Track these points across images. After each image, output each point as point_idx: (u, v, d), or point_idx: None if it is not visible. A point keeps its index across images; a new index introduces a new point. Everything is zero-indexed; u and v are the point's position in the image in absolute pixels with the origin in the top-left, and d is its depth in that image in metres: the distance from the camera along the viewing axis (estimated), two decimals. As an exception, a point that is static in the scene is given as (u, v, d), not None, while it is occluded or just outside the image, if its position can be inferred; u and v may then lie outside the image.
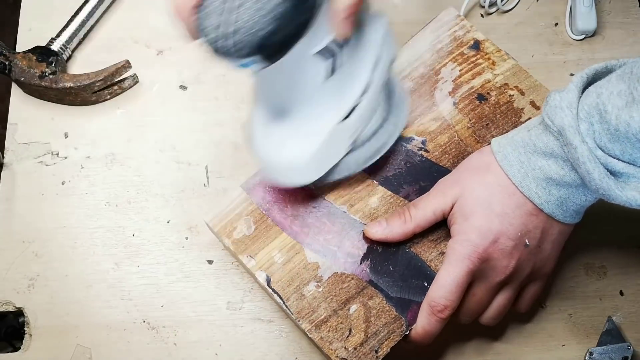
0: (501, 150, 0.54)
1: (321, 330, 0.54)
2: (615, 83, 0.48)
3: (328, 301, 0.55)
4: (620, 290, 0.64)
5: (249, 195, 0.58)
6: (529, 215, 0.53)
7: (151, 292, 0.63)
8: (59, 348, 0.61)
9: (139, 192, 0.67)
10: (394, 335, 0.54)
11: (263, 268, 0.56)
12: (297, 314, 0.55)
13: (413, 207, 0.56)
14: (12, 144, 0.69)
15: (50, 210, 0.66)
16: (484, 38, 0.64)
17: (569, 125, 0.48)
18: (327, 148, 0.53)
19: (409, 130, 0.61)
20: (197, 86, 0.72)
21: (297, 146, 0.53)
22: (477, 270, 0.53)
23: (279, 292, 0.55)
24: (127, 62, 0.69)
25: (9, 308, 0.63)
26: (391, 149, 0.59)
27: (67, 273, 0.64)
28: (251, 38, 0.40)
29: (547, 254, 0.55)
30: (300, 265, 0.56)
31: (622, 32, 0.75)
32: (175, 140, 0.69)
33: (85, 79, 0.68)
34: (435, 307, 0.53)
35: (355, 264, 0.56)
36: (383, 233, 0.56)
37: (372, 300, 0.55)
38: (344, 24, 0.46)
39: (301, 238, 0.57)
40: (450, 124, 0.61)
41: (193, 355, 0.61)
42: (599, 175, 0.47)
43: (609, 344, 0.60)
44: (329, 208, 0.58)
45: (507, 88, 0.63)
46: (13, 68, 0.68)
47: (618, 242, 0.66)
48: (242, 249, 0.57)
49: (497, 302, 0.56)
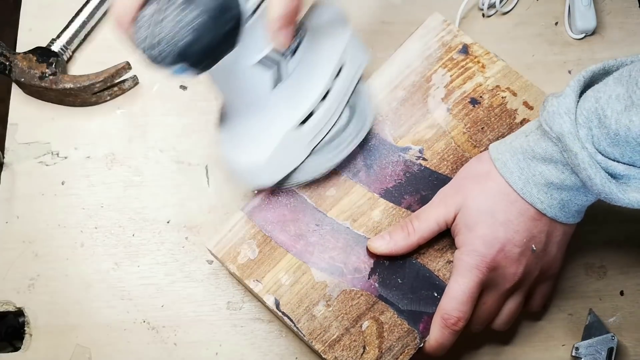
0: (500, 157, 0.54)
1: (335, 350, 0.54)
2: (613, 86, 0.48)
3: (339, 320, 0.55)
4: (621, 290, 0.64)
5: (250, 218, 0.58)
6: (532, 221, 0.53)
7: (151, 292, 0.63)
8: (59, 348, 0.61)
9: (139, 192, 0.67)
10: (409, 349, 0.54)
11: (271, 291, 0.56)
12: (309, 335, 0.54)
13: (416, 219, 0.56)
14: (12, 144, 0.69)
15: (50, 210, 0.66)
16: (472, 41, 0.64)
17: (568, 131, 0.48)
18: (284, 152, 0.54)
19: (405, 139, 0.61)
20: (197, 86, 0.72)
21: (254, 150, 0.54)
22: (486, 280, 0.53)
23: (289, 315, 0.55)
24: (128, 64, 0.69)
25: (9, 308, 0.63)
26: (374, 155, 0.60)
27: (67, 273, 0.64)
28: (172, 48, 0.43)
29: (553, 256, 0.56)
30: (308, 285, 0.56)
31: (622, 32, 0.75)
32: (175, 140, 0.69)
33: (85, 80, 0.68)
34: (449, 320, 0.53)
35: (363, 280, 0.56)
36: (387, 247, 0.55)
37: (383, 315, 0.55)
38: (280, 34, 0.47)
39: (307, 257, 0.57)
40: (445, 131, 0.61)
41: (193, 355, 0.61)
42: (600, 180, 0.47)
43: (593, 337, 0.60)
44: (332, 225, 0.58)
45: (499, 90, 0.63)
46: (13, 68, 0.68)
47: (618, 242, 0.66)
48: (247, 273, 0.56)
49: (507, 308, 0.56)
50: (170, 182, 0.68)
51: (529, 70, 0.73)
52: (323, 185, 0.59)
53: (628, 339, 0.62)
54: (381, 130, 0.61)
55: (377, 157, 0.60)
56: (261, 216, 0.58)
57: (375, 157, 0.60)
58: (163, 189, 0.67)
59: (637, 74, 0.46)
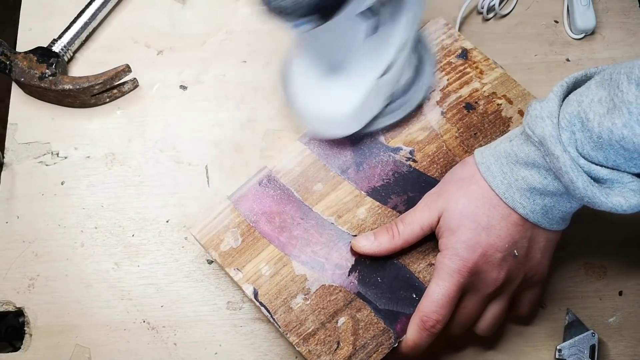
0: (484, 161, 0.54)
1: (309, 344, 0.54)
2: (595, 90, 0.48)
3: (316, 314, 0.55)
4: (620, 290, 0.64)
5: (236, 207, 0.58)
6: (515, 226, 0.53)
7: (151, 292, 0.63)
8: (58, 348, 0.61)
9: (139, 192, 0.67)
10: (383, 348, 0.54)
11: (250, 281, 0.56)
12: (285, 327, 0.55)
13: (401, 223, 0.56)
14: (12, 144, 0.69)
15: (50, 210, 0.66)
16: (472, 47, 0.64)
17: (549, 135, 0.48)
18: (367, 102, 0.57)
19: (397, 140, 0.61)
20: (197, 86, 0.72)
21: (340, 100, 0.57)
22: (467, 284, 0.53)
23: (267, 305, 0.55)
24: (127, 67, 0.69)
25: (9, 308, 0.63)
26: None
27: (67, 273, 0.64)
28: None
29: (537, 262, 0.55)
30: (287, 277, 0.56)
31: (622, 32, 0.75)
32: (175, 140, 0.69)
33: (84, 82, 0.68)
34: (427, 322, 0.53)
35: (343, 276, 0.56)
36: (371, 248, 0.56)
37: (360, 312, 0.55)
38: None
39: (289, 250, 0.57)
40: (438, 134, 0.61)
41: (193, 355, 0.62)
42: (582, 183, 0.47)
43: (574, 336, 0.60)
44: (317, 219, 0.58)
45: (495, 97, 0.63)
46: (13, 68, 0.68)
47: (618, 242, 0.66)
48: (229, 261, 0.57)
49: (490, 313, 0.56)
50: (170, 182, 0.68)
51: (529, 70, 0.73)
52: (311, 180, 0.60)
53: (628, 339, 0.62)
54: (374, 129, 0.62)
55: (367, 155, 0.61)
56: (247, 206, 0.58)
57: (365, 156, 0.60)
58: (163, 188, 0.67)
59: (618, 77, 0.46)
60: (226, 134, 0.70)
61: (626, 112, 0.45)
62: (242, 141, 0.69)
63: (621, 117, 0.45)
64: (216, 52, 0.73)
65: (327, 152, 0.61)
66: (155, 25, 0.75)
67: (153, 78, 0.72)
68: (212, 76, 0.72)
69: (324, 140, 0.61)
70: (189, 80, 0.72)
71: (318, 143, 0.61)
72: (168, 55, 0.73)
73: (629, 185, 0.48)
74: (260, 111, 0.71)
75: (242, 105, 0.71)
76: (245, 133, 0.70)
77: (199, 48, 0.74)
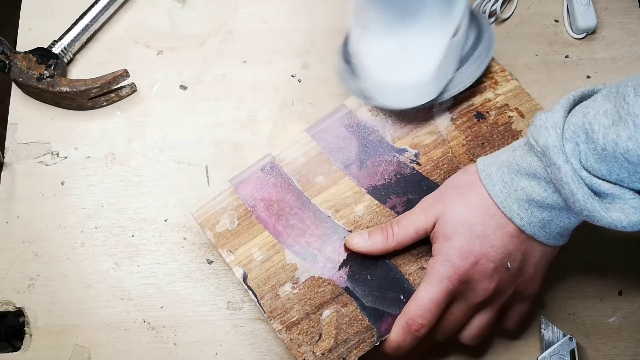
0: (485, 169, 0.54)
1: (292, 332, 0.54)
2: (602, 102, 0.47)
3: (302, 304, 0.55)
4: (620, 290, 0.64)
5: (236, 190, 0.59)
6: (510, 237, 0.53)
7: (151, 292, 0.63)
8: (58, 348, 0.61)
9: (138, 192, 0.67)
10: (364, 345, 0.54)
11: (241, 264, 0.56)
12: (270, 313, 0.55)
13: (396, 224, 0.56)
14: (12, 144, 0.69)
15: (50, 210, 0.66)
16: None
17: (552, 145, 0.48)
18: (444, 64, 0.57)
19: (403, 141, 0.61)
20: (197, 86, 0.72)
21: (419, 64, 0.56)
22: (456, 291, 0.53)
23: (254, 290, 0.56)
24: (125, 71, 0.69)
25: (9, 308, 0.63)
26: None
27: (67, 273, 0.64)
28: None
29: (529, 277, 0.55)
30: (278, 265, 0.56)
31: (622, 32, 0.75)
32: (175, 140, 0.69)
33: (81, 85, 0.68)
34: (412, 325, 0.53)
35: (333, 270, 0.56)
36: (364, 246, 0.56)
37: (346, 307, 0.55)
38: None
39: (283, 238, 0.57)
40: (445, 139, 0.61)
41: (193, 355, 0.62)
42: (582, 195, 0.47)
43: (553, 344, 0.59)
44: (314, 211, 0.58)
45: (507, 109, 0.62)
46: (13, 68, 0.68)
47: (618, 242, 0.66)
48: (222, 242, 0.57)
49: (476, 322, 0.56)
50: (170, 182, 0.68)
51: (530, 70, 0.73)
52: (313, 171, 0.60)
53: (628, 339, 0.62)
54: (381, 128, 0.61)
55: (372, 153, 0.61)
56: (247, 190, 0.59)
57: (370, 153, 0.61)
58: (163, 188, 0.67)
59: (624, 90, 0.46)
60: (226, 134, 0.70)
61: (632, 124, 0.44)
62: (242, 141, 0.69)
63: (626, 130, 0.44)
64: (216, 52, 0.73)
65: (332, 146, 0.61)
66: (155, 26, 0.75)
67: (153, 78, 0.72)
68: (212, 76, 0.72)
69: (331, 134, 0.61)
70: (189, 80, 0.72)
71: (325, 136, 0.61)
72: (168, 56, 0.73)
73: (630, 202, 0.47)
74: (260, 111, 0.71)
75: (242, 105, 0.71)
76: (245, 133, 0.70)
77: (199, 48, 0.74)
